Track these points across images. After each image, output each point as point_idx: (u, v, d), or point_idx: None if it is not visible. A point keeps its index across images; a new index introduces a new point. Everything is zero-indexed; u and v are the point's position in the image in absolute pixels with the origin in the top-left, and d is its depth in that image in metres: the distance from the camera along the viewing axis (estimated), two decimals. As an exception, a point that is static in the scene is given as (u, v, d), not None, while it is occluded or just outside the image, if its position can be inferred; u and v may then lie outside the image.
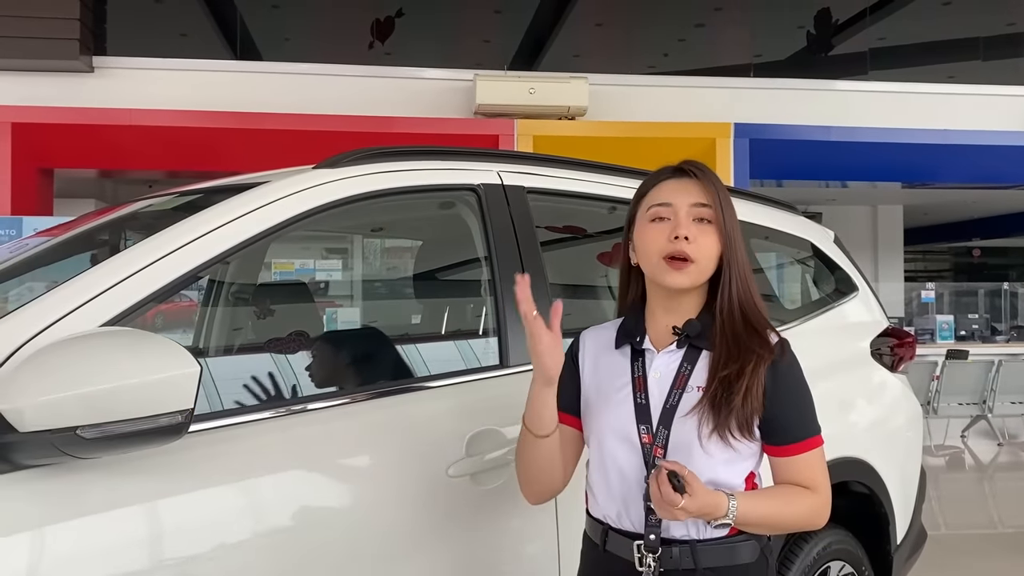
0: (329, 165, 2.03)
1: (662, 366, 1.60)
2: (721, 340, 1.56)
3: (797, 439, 1.56)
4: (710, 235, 1.58)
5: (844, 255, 3.38)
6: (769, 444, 1.58)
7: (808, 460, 1.57)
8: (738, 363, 1.53)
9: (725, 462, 1.54)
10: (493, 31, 9.71)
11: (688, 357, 1.59)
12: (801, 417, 1.58)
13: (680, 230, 1.55)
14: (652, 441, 1.55)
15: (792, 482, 1.58)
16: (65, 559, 1.36)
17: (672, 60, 9.92)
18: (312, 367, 2.11)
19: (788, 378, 1.56)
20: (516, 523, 1.98)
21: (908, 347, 3.23)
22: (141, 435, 1.33)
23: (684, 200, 1.59)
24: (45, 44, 7.52)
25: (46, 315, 1.48)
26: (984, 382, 8.93)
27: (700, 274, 1.57)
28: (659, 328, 1.63)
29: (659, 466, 1.45)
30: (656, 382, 1.59)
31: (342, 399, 1.87)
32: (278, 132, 7.64)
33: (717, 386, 1.53)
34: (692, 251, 1.55)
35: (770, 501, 1.55)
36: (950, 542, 5.41)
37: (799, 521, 1.59)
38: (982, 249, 20.66)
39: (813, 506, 1.58)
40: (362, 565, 1.73)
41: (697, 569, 1.51)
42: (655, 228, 1.59)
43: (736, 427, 1.51)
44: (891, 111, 8.93)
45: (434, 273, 2.97)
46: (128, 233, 2.25)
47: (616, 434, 1.60)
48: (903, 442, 3.11)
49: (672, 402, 1.56)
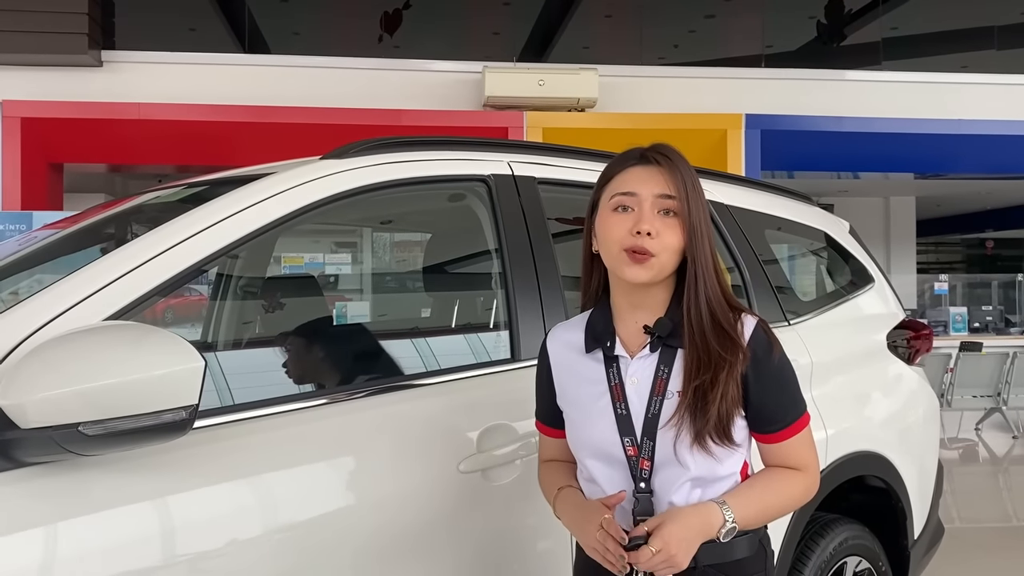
0: (336, 156, 2.00)
1: (638, 372, 1.53)
2: (691, 344, 1.49)
3: (784, 425, 1.53)
4: (674, 228, 1.48)
5: (859, 246, 3.33)
6: (757, 432, 1.55)
7: (796, 442, 1.55)
8: (711, 371, 1.46)
9: (714, 460, 1.49)
10: (502, 23, 9.66)
11: (664, 359, 1.52)
12: (786, 403, 1.54)
13: (643, 224, 1.47)
14: (638, 454, 1.50)
15: (782, 464, 1.55)
16: (68, 557, 1.34)
17: (682, 51, 9.86)
18: (314, 363, 2.08)
19: (769, 368, 1.51)
20: (528, 519, 1.95)
21: (925, 339, 3.18)
22: (145, 431, 1.30)
23: (649, 190, 1.50)
24: (54, 39, 7.52)
25: (49, 309, 1.45)
26: (998, 374, 8.86)
27: (662, 269, 1.49)
28: (628, 327, 1.56)
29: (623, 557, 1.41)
30: (634, 389, 1.52)
31: (351, 395, 1.84)
32: (287, 126, 7.63)
33: (692, 395, 1.47)
34: (654, 246, 1.46)
35: (762, 494, 1.52)
36: (964, 536, 5.36)
37: (794, 504, 1.58)
38: (995, 240, 20.51)
39: (804, 485, 1.56)
40: (373, 561, 1.70)
41: (697, 567, 1.47)
42: (617, 219, 1.51)
43: (716, 434, 1.46)
44: (904, 101, 8.85)
45: (444, 266, 2.93)
46: (134, 226, 2.22)
47: (598, 451, 1.54)
48: (920, 436, 3.07)
49: (654, 410, 1.50)
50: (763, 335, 1.52)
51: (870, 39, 9.56)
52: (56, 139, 7.74)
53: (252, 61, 8.38)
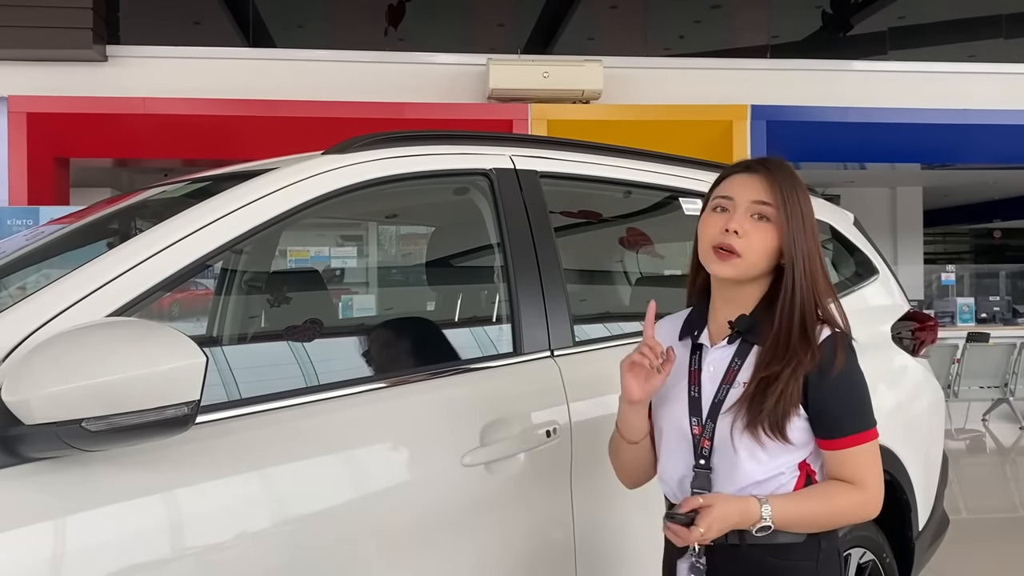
0: (338, 151, 2.00)
1: (715, 360, 1.66)
2: (772, 339, 1.59)
3: (845, 434, 1.58)
4: (766, 232, 1.60)
5: (864, 237, 3.32)
6: (819, 437, 1.60)
7: (856, 454, 1.59)
8: (779, 365, 1.56)
9: (763, 452, 1.57)
10: (507, 14, 9.63)
11: (740, 352, 1.64)
12: (851, 412, 1.60)
13: (732, 223, 1.59)
14: (701, 433, 1.63)
15: (839, 476, 1.60)
16: (74, 551, 1.35)
17: (688, 42, 9.82)
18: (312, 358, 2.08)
19: (838, 375, 1.57)
20: (532, 512, 1.96)
21: (930, 331, 3.17)
22: (147, 427, 1.31)
23: (746, 196, 1.62)
24: (58, 34, 7.53)
25: (51, 306, 1.46)
26: (1005, 365, 8.83)
27: (747, 268, 1.60)
28: (719, 321, 1.68)
29: (667, 521, 1.55)
30: (709, 376, 1.65)
31: (354, 388, 1.84)
32: (292, 119, 7.63)
33: (756, 385, 1.57)
34: (739, 245, 1.58)
35: (808, 502, 1.58)
36: (971, 526, 5.36)
37: (843, 518, 1.63)
38: (1003, 230, 20.44)
39: (859, 502, 1.60)
40: (376, 554, 1.71)
41: (742, 545, 1.57)
42: (713, 218, 1.64)
43: (768, 427, 1.55)
44: (910, 91, 8.81)
45: (446, 260, 2.94)
46: (138, 221, 2.23)
47: (673, 426, 1.68)
48: (925, 427, 3.07)
49: (720, 396, 1.62)
50: (832, 344, 1.59)
51: (876, 29, 9.52)
52: (62, 134, 7.76)
53: (257, 55, 8.38)
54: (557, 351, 2.11)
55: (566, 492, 2.02)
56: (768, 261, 1.61)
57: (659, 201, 2.78)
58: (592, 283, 2.90)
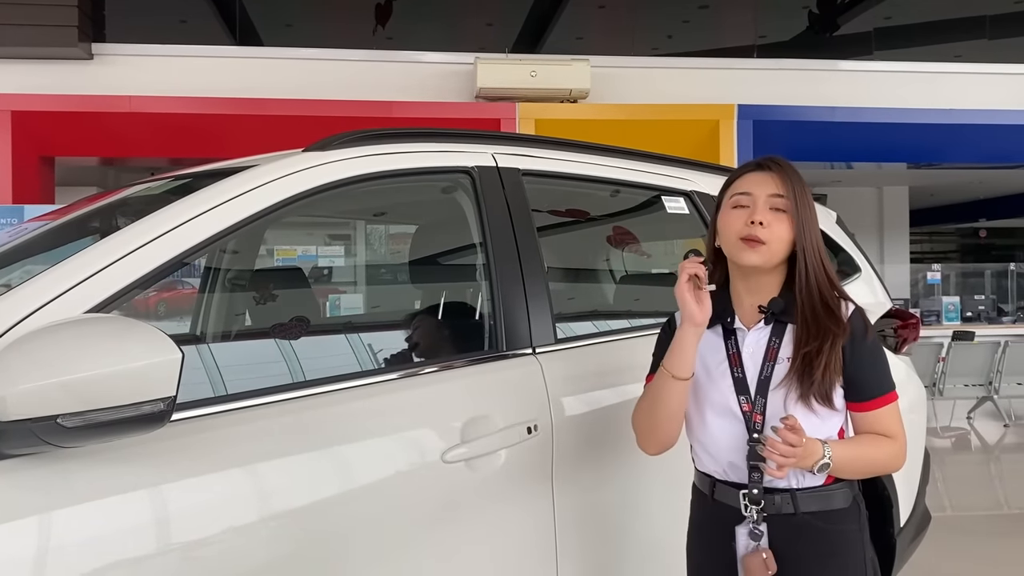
0: (319, 148, 2.00)
1: (753, 342, 1.81)
2: (801, 319, 1.77)
3: (875, 395, 1.78)
4: (783, 222, 1.77)
5: (847, 236, 3.34)
6: (852, 401, 1.79)
7: (886, 413, 1.79)
8: (818, 341, 1.73)
9: (816, 417, 1.74)
10: (495, 14, 9.63)
11: (776, 332, 1.80)
12: (877, 377, 1.79)
13: (756, 216, 1.76)
14: (752, 409, 1.78)
15: (872, 432, 1.79)
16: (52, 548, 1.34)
17: (675, 42, 9.84)
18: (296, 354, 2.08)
19: (864, 344, 1.78)
20: (512, 507, 1.96)
21: (912, 328, 3.19)
22: (123, 423, 1.30)
23: (763, 191, 1.79)
24: (44, 31, 7.49)
25: (29, 303, 1.45)
26: (990, 363, 8.88)
27: (772, 255, 1.77)
28: (745, 308, 1.84)
29: (769, 435, 1.69)
30: (750, 356, 1.81)
31: (335, 385, 1.84)
32: (279, 118, 7.61)
33: (801, 361, 1.74)
34: (765, 235, 1.75)
35: (858, 447, 1.78)
36: (956, 523, 5.39)
37: (883, 464, 1.83)
38: (988, 230, 20.55)
39: (894, 450, 1.81)
40: (357, 550, 1.71)
41: (796, 513, 1.74)
42: (735, 214, 1.80)
43: (819, 396, 1.73)
44: (896, 91, 8.86)
45: (429, 258, 2.94)
46: (119, 218, 2.22)
47: (719, 407, 1.82)
48: (907, 424, 3.08)
49: (766, 373, 1.78)
50: (860, 318, 1.80)
51: (863, 29, 9.56)
52: (47, 132, 7.72)
53: (244, 53, 8.35)
54: (539, 348, 2.12)
55: (547, 489, 2.03)
56: (787, 248, 1.78)
57: (641, 199, 2.79)
58: (574, 281, 2.90)
